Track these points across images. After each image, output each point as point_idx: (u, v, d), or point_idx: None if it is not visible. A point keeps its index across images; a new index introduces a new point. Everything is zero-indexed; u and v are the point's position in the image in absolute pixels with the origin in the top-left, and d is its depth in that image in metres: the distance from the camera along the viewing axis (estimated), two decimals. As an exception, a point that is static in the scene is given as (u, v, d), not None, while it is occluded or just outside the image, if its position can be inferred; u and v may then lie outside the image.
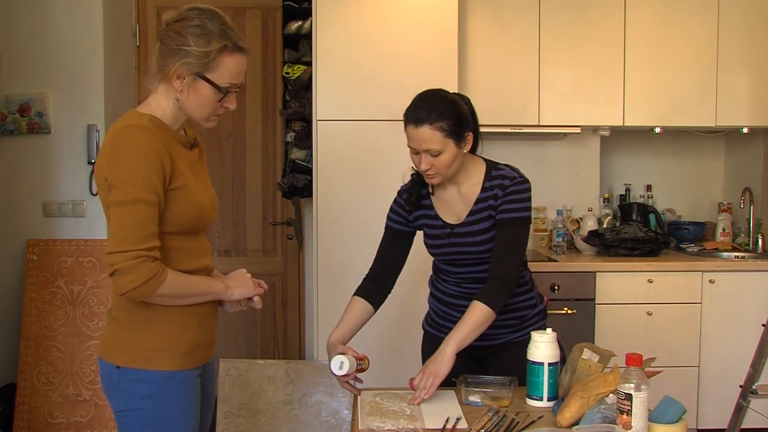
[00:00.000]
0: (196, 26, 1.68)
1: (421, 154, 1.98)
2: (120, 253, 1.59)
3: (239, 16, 4.26)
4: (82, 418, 3.15)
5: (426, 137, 1.95)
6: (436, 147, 1.95)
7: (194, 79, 1.70)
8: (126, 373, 1.71)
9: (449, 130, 1.95)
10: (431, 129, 1.94)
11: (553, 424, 1.70)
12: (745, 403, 2.41)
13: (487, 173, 2.08)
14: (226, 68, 1.71)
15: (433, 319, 2.25)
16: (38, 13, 3.28)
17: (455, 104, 2.00)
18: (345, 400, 3.33)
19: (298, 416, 3.34)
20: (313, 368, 3.37)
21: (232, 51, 1.71)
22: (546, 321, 2.20)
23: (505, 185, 2.03)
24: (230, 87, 1.74)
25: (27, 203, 3.33)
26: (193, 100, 1.73)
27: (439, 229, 2.10)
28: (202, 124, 1.81)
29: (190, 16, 1.69)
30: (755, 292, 3.54)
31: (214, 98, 1.74)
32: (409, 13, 3.34)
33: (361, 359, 2.01)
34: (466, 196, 2.09)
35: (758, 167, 4.01)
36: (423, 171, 2.02)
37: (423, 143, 1.96)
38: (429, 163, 1.98)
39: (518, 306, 2.15)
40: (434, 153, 1.96)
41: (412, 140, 1.98)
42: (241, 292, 1.83)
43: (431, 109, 1.95)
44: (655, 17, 3.74)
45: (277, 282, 4.34)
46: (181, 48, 1.67)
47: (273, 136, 4.32)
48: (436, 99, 2.00)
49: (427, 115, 1.94)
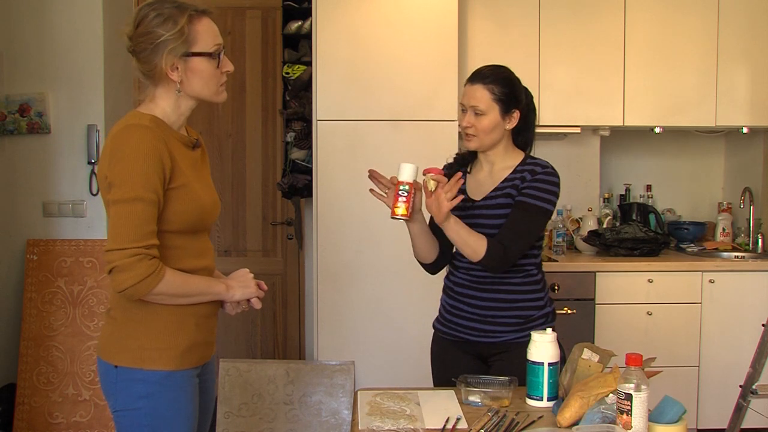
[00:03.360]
0: (156, 16, 1.69)
1: (468, 111, 2.09)
2: (118, 251, 1.59)
3: (239, 16, 4.26)
4: (82, 418, 3.15)
5: (476, 94, 2.08)
6: (482, 106, 2.07)
7: (186, 61, 1.71)
8: (123, 373, 1.71)
9: (499, 96, 2.08)
10: (483, 88, 2.08)
11: (553, 424, 1.70)
12: (745, 403, 2.41)
13: (524, 160, 2.16)
14: (204, 33, 1.73)
15: (443, 315, 2.26)
16: (38, 13, 3.28)
17: (514, 80, 2.14)
18: (345, 400, 3.33)
19: (298, 416, 3.34)
20: (313, 368, 3.37)
21: (199, 17, 1.73)
22: (553, 325, 2.15)
23: (536, 171, 2.10)
24: (218, 49, 1.75)
25: (27, 203, 3.32)
26: (195, 81, 1.74)
27: (463, 202, 2.10)
28: (215, 99, 1.81)
29: (146, 14, 1.71)
30: (755, 292, 3.54)
31: (212, 68, 1.75)
32: (409, 13, 3.34)
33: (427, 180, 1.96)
34: (496, 178, 2.15)
35: (758, 167, 4.01)
36: (463, 128, 2.12)
37: (472, 99, 2.09)
38: (470, 122, 2.09)
39: (524, 305, 2.14)
40: (479, 111, 2.08)
41: (465, 96, 2.12)
42: (243, 292, 1.82)
43: (491, 73, 2.11)
44: (655, 17, 3.74)
45: (277, 282, 4.34)
46: (156, 43, 1.69)
47: (273, 136, 4.32)
48: (500, 68, 2.15)
49: (485, 76, 2.10)
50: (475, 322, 2.15)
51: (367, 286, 3.35)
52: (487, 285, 2.13)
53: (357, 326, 3.36)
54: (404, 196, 1.96)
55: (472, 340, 2.16)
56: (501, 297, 2.13)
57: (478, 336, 2.15)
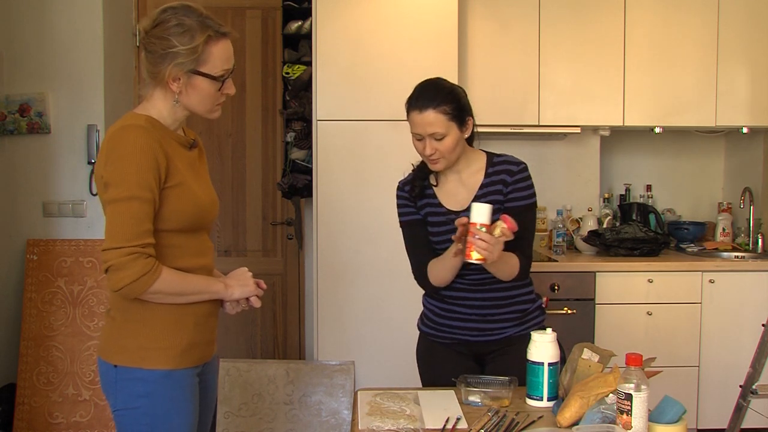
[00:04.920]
0: (176, 26, 1.69)
1: (426, 139, 2.04)
2: (114, 250, 1.60)
3: (239, 16, 4.26)
4: (82, 418, 3.15)
5: (431, 120, 2.02)
6: (441, 130, 2.02)
7: (189, 77, 1.71)
8: (123, 372, 1.71)
9: (452, 114, 2.03)
10: (435, 112, 2.01)
11: (553, 424, 1.70)
12: (745, 403, 2.41)
13: (489, 160, 2.15)
14: (216, 57, 1.73)
15: (431, 318, 2.24)
16: (38, 13, 3.28)
17: (455, 90, 2.09)
18: (345, 400, 3.33)
19: (298, 416, 3.34)
20: (313, 368, 3.37)
21: (217, 39, 1.73)
22: (545, 317, 2.23)
23: (513, 171, 2.11)
24: (225, 74, 1.75)
25: (27, 203, 3.32)
26: (193, 97, 1.74)
27: (443, 216, 2.13)
28: (208, 116, 1.81)
29: (167, 18, 1.70)
30: (755, 292, 3.54)
31: (212, 89, 1.75)
32: (409, 13, 3.34)
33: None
34: (468, 184, 2.14)
35: (758, 167, 4.01)
36: (427, 156, 2.07)
37: (428, 127, 2.02)
38: (433, 147, 2.04)
39: (520, 299, 2.17)
40: (438, 137, 2.03)
41: (417, 125, 2.04)
42: (242, 291, 1.82)
43: (434, 95, 2.03)
44: (655, 17, 3.74)
45: (277, 282, 4.34)
46: (168, 51, 1.68)
47: (273, 136, 4.32)
48: (438, 85, 2.08)
49: (430, 100, 2.02)
50: (474, 322, 2.15)
51: (367, 286, 3.35)
52: (485, 285, 2.13)
53: (357, 326, 3.36)
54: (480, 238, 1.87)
55: (471, 340, 2.16)
56: (499, 295, 2.14)
57: (478, 336, 2.15)
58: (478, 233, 1.86)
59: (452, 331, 2.18)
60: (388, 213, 3.32)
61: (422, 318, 2.30)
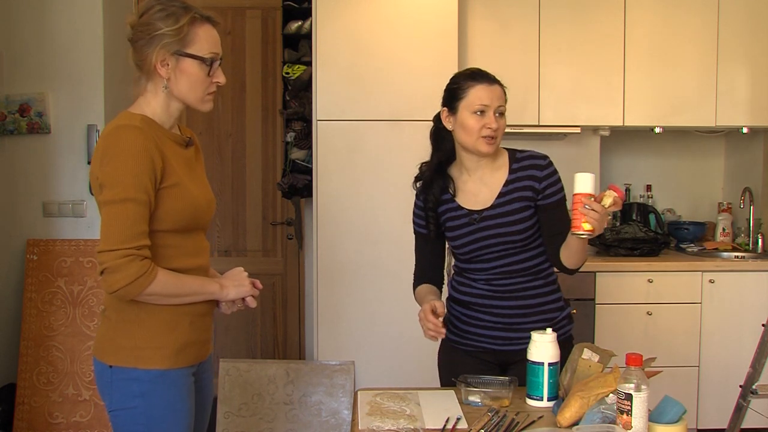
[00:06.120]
0: (160, 10, 1.70)
1: (490, 114, 2.00)
2: (109, 252, 1.59)
3: (239, 16, 4.26)
4: (82, 418, 3.15)
5: (499, 94, 2.02)
6: (504, 106, 2.03)
7: (177, 59, 1.71)
8: (118, 372, 1.71)
9: (506, 97, 2.05)
10: (500, 88, 2.03)
11: (553, 424, 1.70)
12: (745, 403, 2.41)
13: (512, 156, 2.10)
14: (202, 38, 1.73)
15: (455, 324, 2.16)
16: (38, 13, 3.28)
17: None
18: (345, 400, 3.33)
19: (298, 416, 3.34)
20: (313, 368, 3.37)
21: (202, 21, 1.74)
22: (573, 326, 2.13)
23: (541, 165, 2.06)
24: (213, 57, 1.75)
25: (27, 203, 3.32)
26: (182, 82, 1.73)
27: (465, 218, 2.06)
28: (200, 107, 1.79)
29: (150, 5, 1.72)
30: (755, 292, 3.54)
31: (202, 74, 1.74)
32: (409, 13, 3.34)
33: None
34: (490, 183, 2.08)
35: (758, 167, 4.01)
36: (490, 132, 2.01)
37: (498, 99, 2.01)
38: (498, 122, 2.01)
39: (549, 307, 2.10)
40: (503, 111, 2.03)
41: (486, 97, 2.00)
42: (237, 291, 1.81)
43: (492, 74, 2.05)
44: (655, 17, 3.74)
45: (277, 282, 4.34)
46: (153, 35, 1.69)
47: (273, 136, 4.32)
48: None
49: (493, 77, 2.03)
50: (499, 330, 2.08)
51: (367, 286, 3.35)
52: (511, 293, 2.07)
53: (357, 326, 3.36)
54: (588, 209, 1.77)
55: (497, 349, 2.10)
56: (526, 303, 2.07)
57: (503, 344, 2.08)
58: (589, 203, 1.75)
59: (477, 339, 2.11)
60: (389, 213, 3.34)
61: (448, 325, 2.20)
